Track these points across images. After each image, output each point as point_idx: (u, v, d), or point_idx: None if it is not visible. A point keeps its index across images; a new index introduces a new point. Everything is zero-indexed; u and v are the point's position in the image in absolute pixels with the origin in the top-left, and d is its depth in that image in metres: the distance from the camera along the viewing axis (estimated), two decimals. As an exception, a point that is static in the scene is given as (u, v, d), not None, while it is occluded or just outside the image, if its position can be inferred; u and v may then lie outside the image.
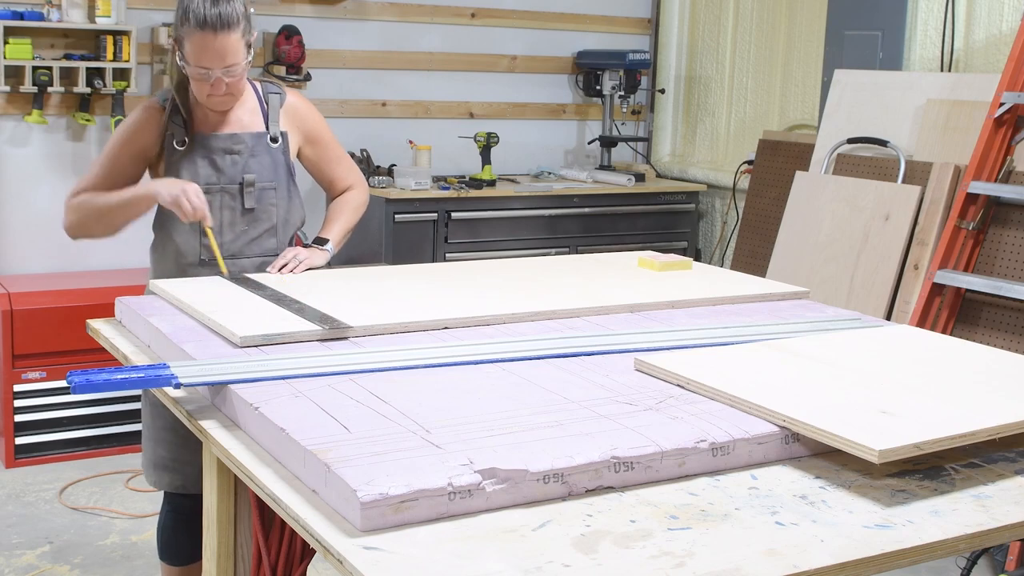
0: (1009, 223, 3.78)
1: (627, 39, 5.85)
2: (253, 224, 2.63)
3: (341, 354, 1.90)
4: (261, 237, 2.64)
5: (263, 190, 2.62)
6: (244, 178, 2.60)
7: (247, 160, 2.61)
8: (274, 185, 2.64)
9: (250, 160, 2.61)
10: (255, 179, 2.61)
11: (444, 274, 2.66)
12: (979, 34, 4.29)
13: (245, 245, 2.62)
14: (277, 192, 2.64)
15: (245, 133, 2.62)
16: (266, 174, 2.63)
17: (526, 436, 1.51)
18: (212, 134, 2.60)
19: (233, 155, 2.60)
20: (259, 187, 2.61)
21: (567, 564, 1.23)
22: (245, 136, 2.62)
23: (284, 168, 2.66)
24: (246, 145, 2.61)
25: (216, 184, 2.59)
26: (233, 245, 2.61)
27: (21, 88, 4.34)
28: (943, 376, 1.84)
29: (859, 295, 4.11)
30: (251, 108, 2.66)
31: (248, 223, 2.62)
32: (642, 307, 2.35)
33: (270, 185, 2.63)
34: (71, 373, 1.76)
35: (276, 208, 2.65)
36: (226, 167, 2.60)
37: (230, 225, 2.61)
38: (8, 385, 4.11)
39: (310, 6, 5.01)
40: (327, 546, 1.28)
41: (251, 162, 2.61)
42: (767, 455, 1.57)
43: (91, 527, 3.64)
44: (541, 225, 5.14)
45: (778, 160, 5.00)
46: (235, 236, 2.61)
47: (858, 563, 1.28)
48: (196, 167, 2.58)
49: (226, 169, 2.60)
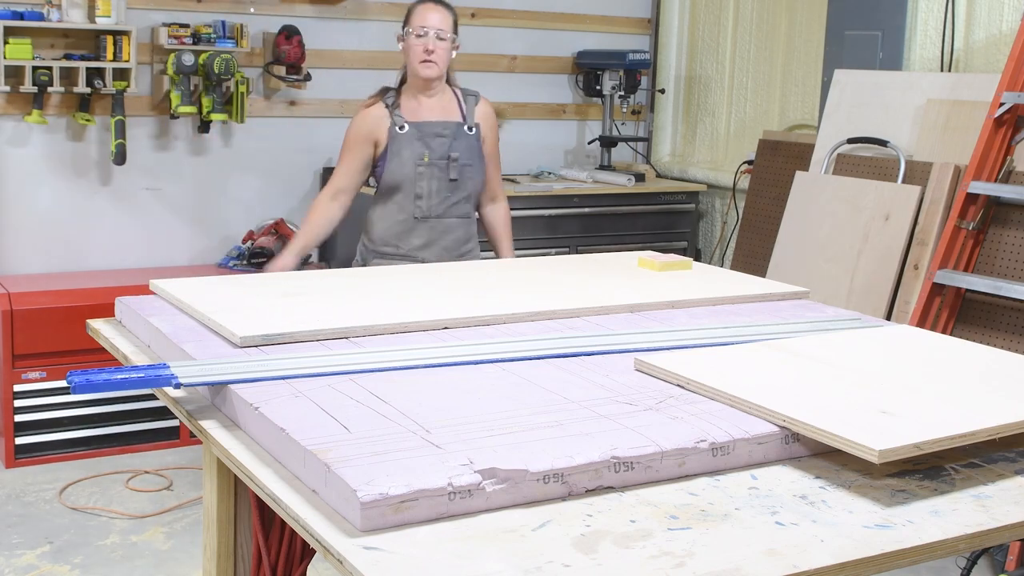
0: (1009, 223, 3.78)
1: (627, 39, 5.84)
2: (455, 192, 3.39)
3: (341, 354, 1.90)
4: (460, 202, 3.41)
5: (463, 166, 3.37)
6: (451, 155, 3.35)
7: (451, 142, 3.37)
8: (471, 163, 3.39)
9: (454, 142, 3.37)
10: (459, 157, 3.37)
11: (444, 274, 2.66)
12: (979, 34, 4.29)
13: (449, 207, 3.38)
14: (473, 168, 3.40)
15: (451, 121, 3.39)
16: (466, 154, 3.38)
17: (526, 436, 1.51)
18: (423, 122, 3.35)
19: (442, 138, 3.36)
20: (460, 163, 3.36)
21: (567, 564, 1.23)
22: (450, 124, 3.38)
23: (477, 151, 3.42)
24: (450, 131, 3.37)
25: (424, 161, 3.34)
26: (439, 208, 3.37)
27: (21, 88, 4.34)
28: (943, 376, 1.84)
29: (859, 295, 4.11)
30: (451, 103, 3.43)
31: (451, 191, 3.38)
32: (642, 307, 2.35)
33: (468, 163, 3.38)
34: (71, 373, 1.76)
35: (472, 181, 3.41)
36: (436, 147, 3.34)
37: (437, 192, 3.36)
38: (8, 385, 4.11)
39: (310, 6, 5.01)
40: (327, 546, 1.28)
41: (455, 143, 3.37)
42: (767, 455, 1.57)
43: (91, 527, 3.64)
44: (541, 225, 5.13)
45: (778, 160, 4.99)
46: (440, 200, 3.37)
47: (858, 563, 1.28)
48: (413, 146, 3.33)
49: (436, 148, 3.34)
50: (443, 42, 3.33)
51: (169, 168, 4.81)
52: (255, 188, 5.01)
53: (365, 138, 3.39)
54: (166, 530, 3.64)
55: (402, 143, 3.34)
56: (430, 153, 3.34)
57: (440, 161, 3.35)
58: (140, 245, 4.80)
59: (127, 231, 4.77)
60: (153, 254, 4.82)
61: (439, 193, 3.36)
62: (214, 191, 4.93)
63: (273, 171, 5.04)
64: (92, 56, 4.44)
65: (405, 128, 3.34)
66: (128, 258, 4.77)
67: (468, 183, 3.41)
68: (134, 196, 4.75)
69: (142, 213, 4.77)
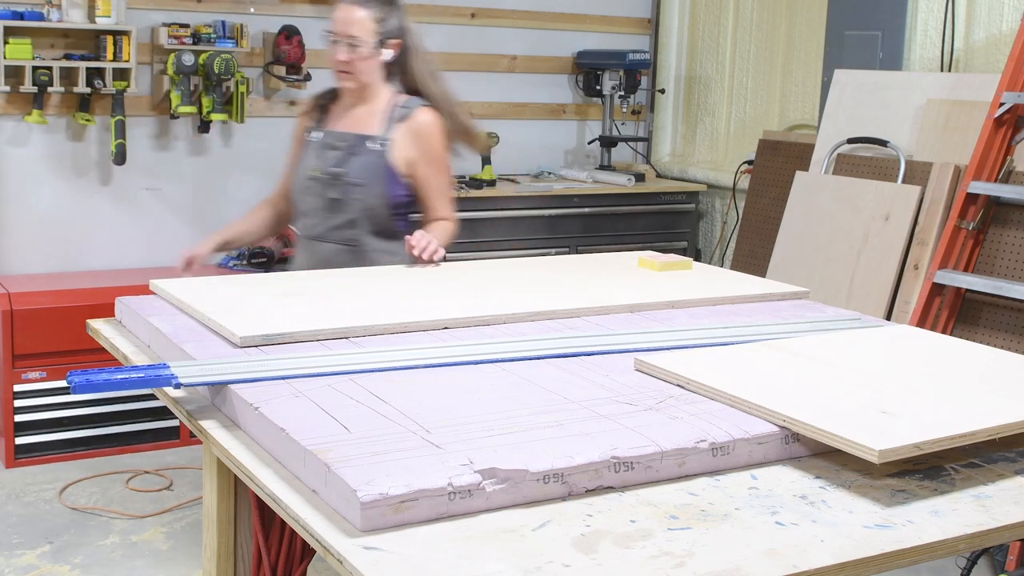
0: (1009, 223, 3.78)
1: (627, 39, 5.84)
2: (336, 214, 2.89)
3: (341, 354, 1.90)
4: (342, 227, 2.89)
5: (350, 185, 2.86)
6: (332, 171, 2.88)
7: (346, 156, 2.89)
8: (363, 183, 2.86)
9: (349, 157, 2.88)
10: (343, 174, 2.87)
11: (444, 274, 2.66)
12: (979, 34, 4.29)
13: (328, 231, 2.90)
14: (365, 190, 2.86)
15: (351, 132, 2.91)
16: (358, 172, 2.87)
17: (526, 436, 1.51)
18: (330, 130, 2.95)
19: (335, 150, 2.90)
20: (345, 182, 2.86)
21: (567, 564, 1.23)
22: (349, 135, 2.91)
23: (379, 170, 2.87)
24: (347, 143, 2.90)
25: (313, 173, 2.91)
26: (316, 229, 2.91)
27: (21, 88, 4.34)
28: (943, 376, 1.84)
29: (859, 295, 4.11)
30: (375, 112, 2.93)
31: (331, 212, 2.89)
32: (642, 307, 2.35)
33: (358, 182, 2.86)
34: (71, 373, 1.76)
35: (360, 203, 2.87)
36: (327, 160, 2.90)
37: (316, 212, 2.91)
38: (8, 385, 4.11)
39: (310, 6, 5.01)
40: (327, 546, 1.28)
41: (350, 159, 2.88)
42: (767, 455, 1.57)
43: (91, 527, 3.64)
44: (541, 225, 5.13)
45: (778, 160, 4.99)
46: (319, 221, 2.91)
47: (858, 563, 1.28)
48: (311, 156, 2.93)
49: (326, 161, 2.89)
50: (359, 49, 2.84)
51: (169, 168, 4.81)
52: (255, 188, 5.00)
53: (297, 140, 3.06)
54: (166, 530, 3.64)
55: (309, 151, 2.96)
56: (319, 165, 2.91)
57: (323, 177, 2.90)
58: (140, 245, 4.79)
59: (127, 231, 4.76)
60: (153, 254, 4.81)
61: (318, 212, 2.92)
62: (214, 191, 4.92)
63: (273, 171, 5.00)
64: (92, 56, 4.44)
65: (314, 135, 2.96)
66: (128, 258, 4.77)
67: (355, 205, 2.87)
68: (134, 196, 4.75)
69: (142, 213, 4.77)
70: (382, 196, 2.87)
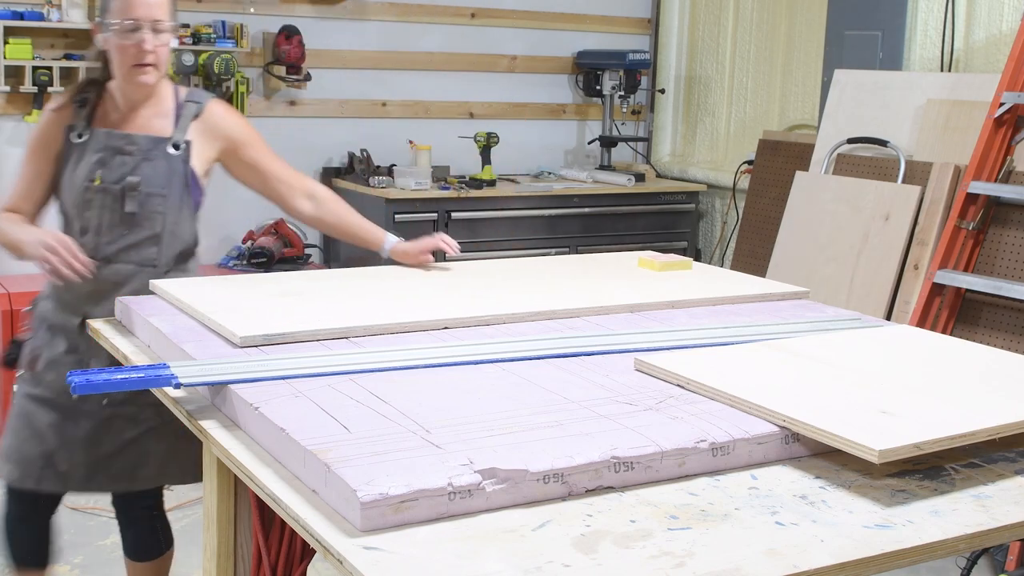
0: (1009, 223, 3.78)
1: (627, 39, 5.85)
2: (134, 230, 2.47)
3: (341, 354, 1.90)
4: (142, 244, 2.48)
5: (149, 196, 2.46)
6: (128, 181, 2.45)
7: (138, 163, 2.47)
8: (164, 193, 2.48)
9: (142, 163, 2.47)
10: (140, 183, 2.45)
11: (444, 274, 2.66)
12: (979, 34, 4.29)
13: (122, 250, 2.48)
14: (166, 200, 2.48)
15: (142, 135, 2.49)
16: (157, 180, 2.47)
17: (526, 436, 1.51)
18: (110, 131, 2.49)
19: (124, 155, 2.47)
20: (144, 192, 2.46)
21: (567, 564, 1.23)
22: (140, 138, 2.48)
23: (180, 178, 2.51)
24: (139, 147, 2.47)
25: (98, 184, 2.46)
26: (109, 248, 2.46)
27: (21, 88, 4.34)
28: (943, 376, 1.84)
29: (859, 295, 4.11)
30: (163, 112, 2.53)
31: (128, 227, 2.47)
32: (642, 307, 2.35)
33: (158, 192, 2.47)
34: (71, 373, 1.77)
35: (162, 217, 2.49)
36: (114, 167, 2.46)
37: (108, 228, 2.46)
38: (8, 385, 4.10)
39: (310, 6, 5.01)
40: (327, 546, 1.28)
41: (143, 166, 2.47)
42: (767, 455, 1.57)
43: (91, 527, 3.64)
44: (541, 225, 5.13)
45: (778, 160, 5.00)
46: (112, 239, 2.47)
47: (858, 563, 1.28)
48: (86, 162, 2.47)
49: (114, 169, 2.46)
50: (163, 35, 2.44)
51: (169, 168, 4.80)
52: (255, 188, 5.00)
53: (43, 145, 2.51)
54: (166, 530, 3.64)
55: (79, 156, 2.47)
56: (105, 174, 2.45)
57: (114, 186, 2.45)
58: (140, 245, 4.79)
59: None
60: (153, 254, 4.81)
61: (111, 229, 2.46)
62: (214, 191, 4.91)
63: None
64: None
65: (84, 136, 2.48)
66: (128, 258, 4.76)
67: (156, 220, 2.47)
68: (134, 196, 4.75)
69: (142, 213, 4.77)
70: (188, 207, 2.53)
